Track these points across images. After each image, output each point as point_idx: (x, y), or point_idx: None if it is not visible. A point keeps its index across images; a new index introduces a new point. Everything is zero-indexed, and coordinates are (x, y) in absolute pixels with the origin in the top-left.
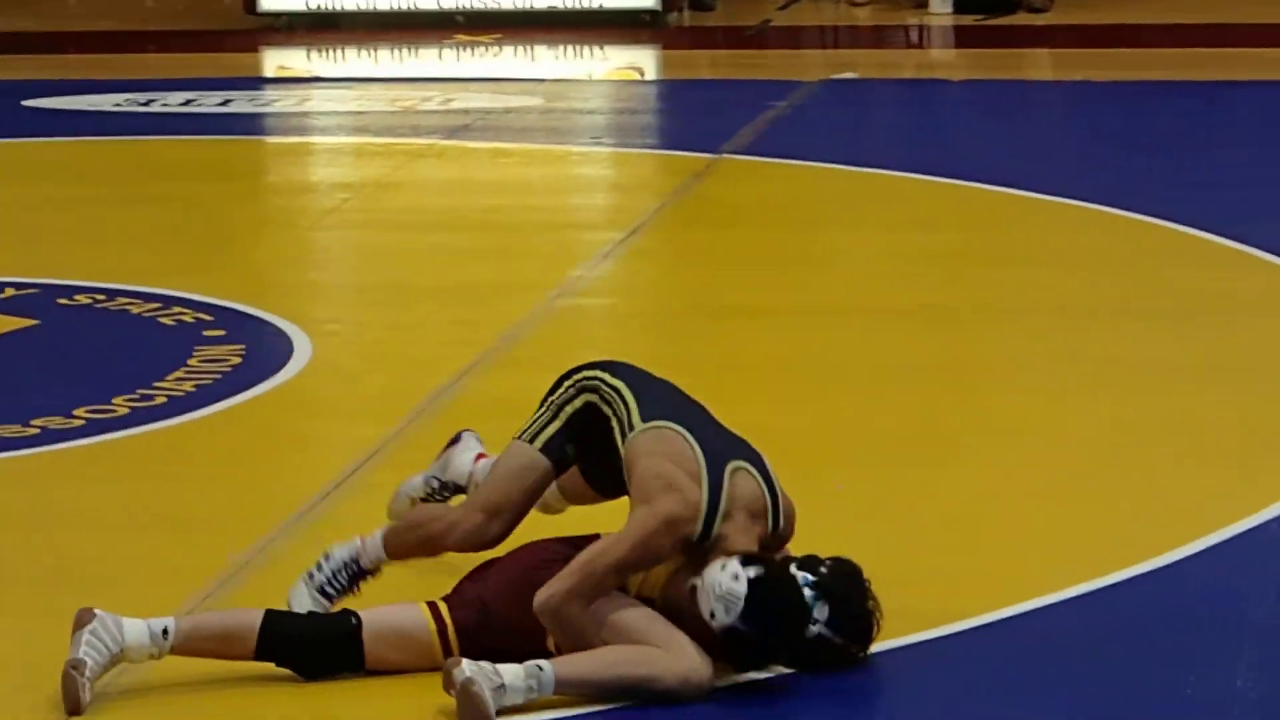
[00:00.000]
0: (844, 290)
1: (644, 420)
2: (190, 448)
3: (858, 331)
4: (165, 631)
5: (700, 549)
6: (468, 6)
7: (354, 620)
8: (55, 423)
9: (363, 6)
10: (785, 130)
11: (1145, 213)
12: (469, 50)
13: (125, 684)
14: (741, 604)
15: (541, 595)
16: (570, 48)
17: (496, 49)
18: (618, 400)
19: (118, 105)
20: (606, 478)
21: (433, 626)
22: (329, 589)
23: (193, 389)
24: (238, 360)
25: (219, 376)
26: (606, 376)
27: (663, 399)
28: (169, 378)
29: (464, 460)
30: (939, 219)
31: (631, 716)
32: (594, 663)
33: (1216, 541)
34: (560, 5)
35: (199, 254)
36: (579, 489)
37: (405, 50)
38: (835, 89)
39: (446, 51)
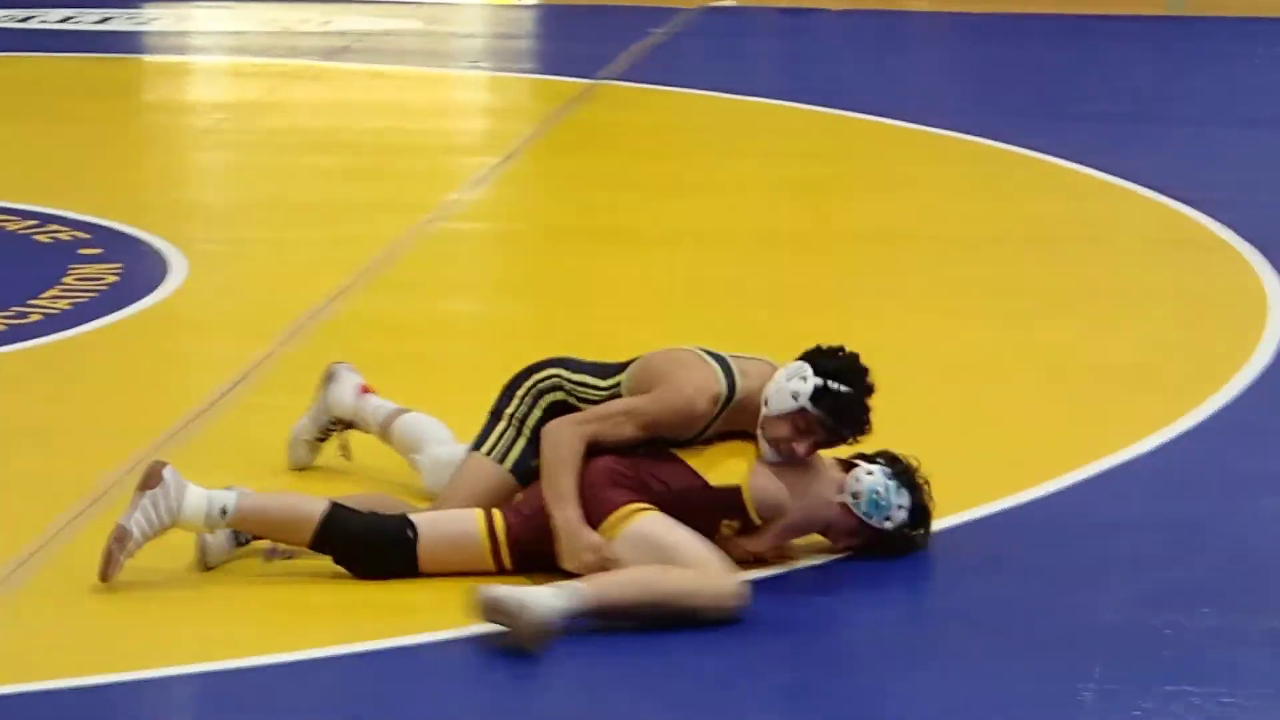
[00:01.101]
0: (716, 216)
1: (615, 376)
2: (65, 365)
3: (730, 256)
4: (224, 511)
5: (746, 423)
6: None
7: (410, 531)
8: None
9: None
10: (663, 57)
11: (1016, 144)
12: None
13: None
14: (906, 513)
15: (553, 422)
16: None
17: None
18: (587, 389)
19: None
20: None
21: (484, 532)
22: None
23: (68, 306)
24: (114, 278)
25: (95, 295)
26: (566, 373)
27: (609, 366)
28: (44, 295)
29: (345, 395)
30: (812, 147)
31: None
32: (626, 579)
33: (1081, 477)
34: None
35: (76, 172)
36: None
37: None
38: (714, 16)
39: None
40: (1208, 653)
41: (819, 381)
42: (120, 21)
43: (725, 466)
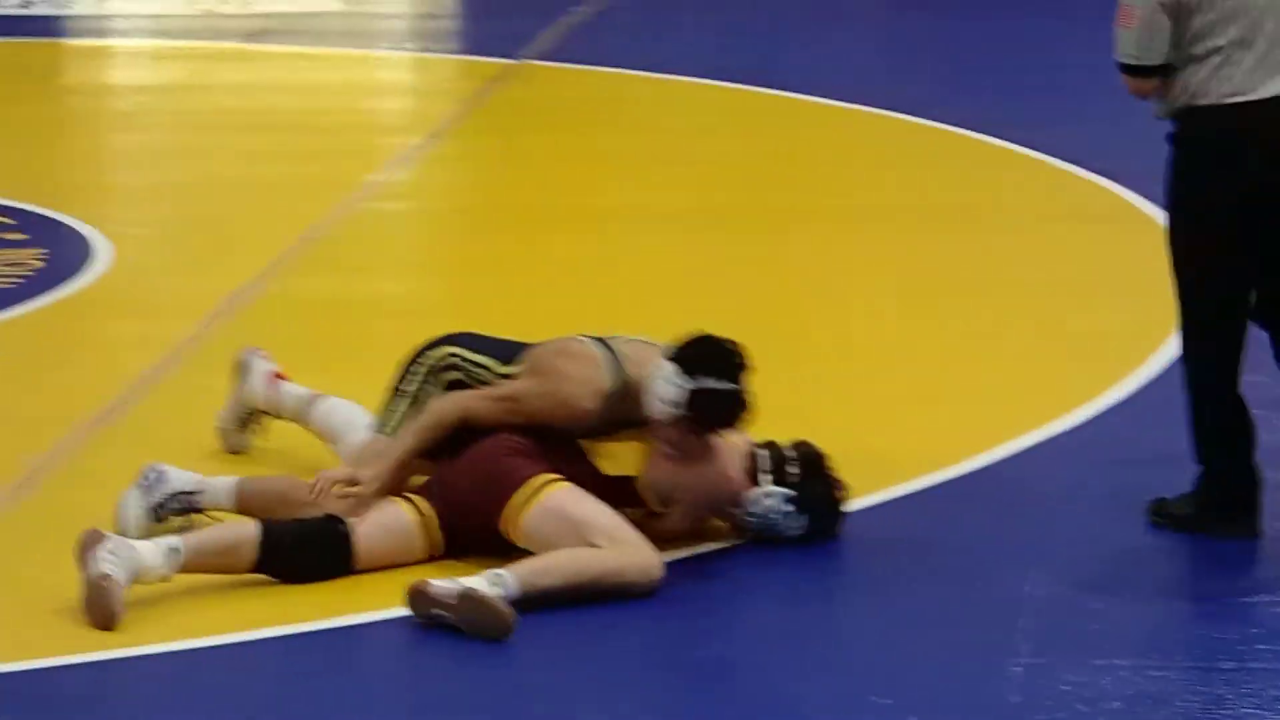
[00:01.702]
0: (639, 194)
1: (512, 365)
2: None
3: (651, 235)
4: (175, 549)
5: (632, 410)
6: None
7: (342, 527)
8: None
9: None
10: (585, 35)
11: (946, 120)
12: None
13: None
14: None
15: (442, 399)
16: None
17: None
18: (484, 371)
19: None
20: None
21: (415, 517)
22: (161, 511)
23: None
24: (40, 264)
25: (19, 281)
26: (464, 352)
27: (511, 346)
28: None
29: (257, 386)
30: (737, 125)
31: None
32: (552, 564)
33: (1014, 449)
34: None
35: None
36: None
37: None
38: None
39: None
40: (1135, 627)
41: (693, 385)
42: (42, 6)
43: (624, 458)
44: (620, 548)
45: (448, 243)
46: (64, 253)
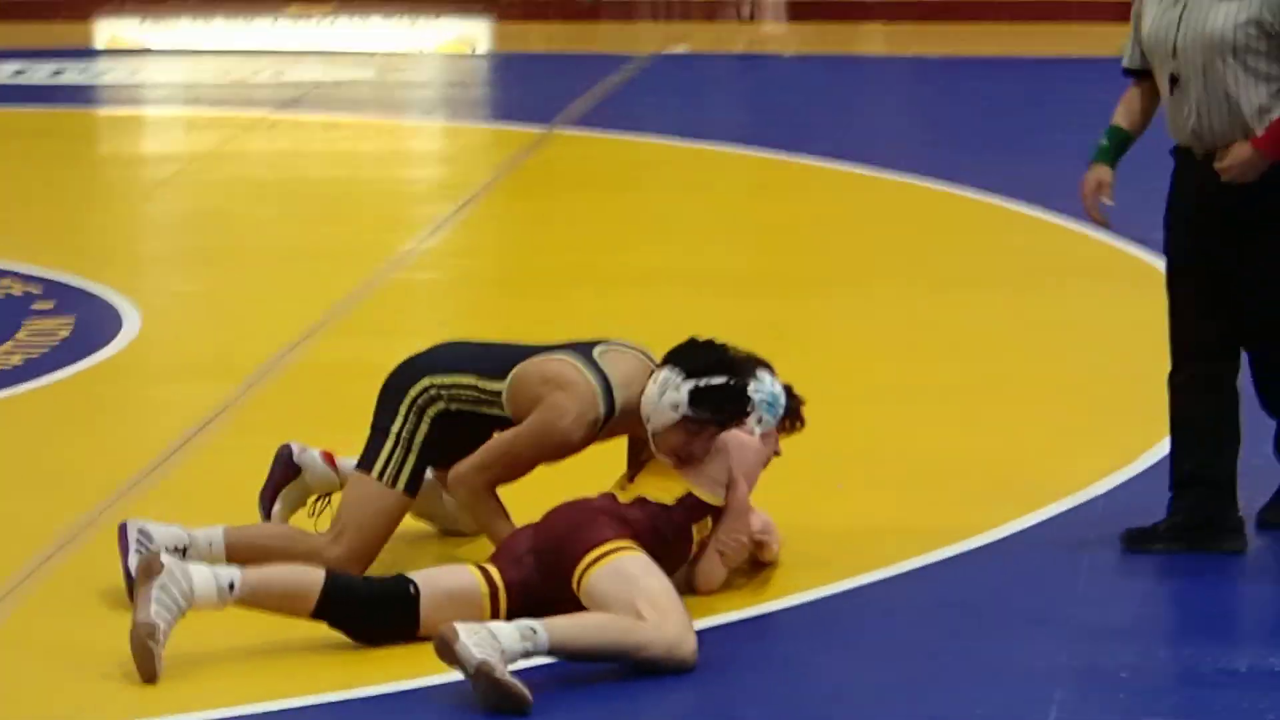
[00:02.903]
0: (674, 258)
1: (497, 380)
2: (23, 419)
3: (684, 298)
4: (231, 585)
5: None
6: None
7: (412, 589)
8: None
9: None
10: (617, 103)
11: (975, 185)
12: (302, 22)
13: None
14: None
15: (456, 469)
16: (403, 20)
17: (330, 21)
18: (465, 390)
19: None
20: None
21: (485, 589)
22: None
23: (20, 363)
24: (66, 333)
25: (47, 349)
26: (439, 380)
27: (493, 354)
28: None
29: (320, 473)
30: (767, 191)
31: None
32: (586, 627)
33: (1044, 517)
34: None
35: (28, 226)
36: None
37: (238, 22)
38: (668, 62)
39: (280, 23)
40: (1165, 692)
41: (692, 384)
42: (73, 74)
43: (663, 486)
44: (662, 621)
45: (482, 308)
46: (93, 321)
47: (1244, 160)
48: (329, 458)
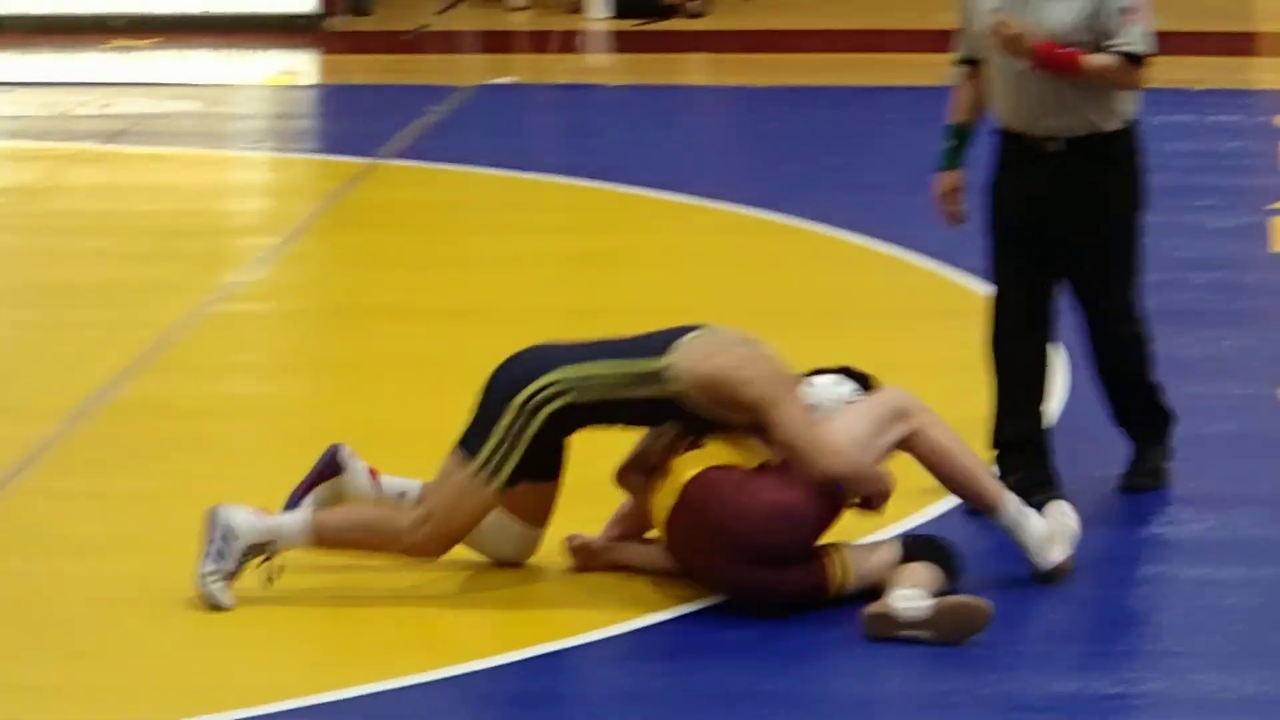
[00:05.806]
0: (497, 291)
1: (654, 359)
2: None
3: (509, 332)
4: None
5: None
6: (125, 11)
7: None
8: None
9: (19, 10)
10: (441, 135)
11: (800, 215)
12: (127, 55)
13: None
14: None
15: (817, 465)
16: (228, 52)
17: (154, 53)
18: (604, 377)
19: None
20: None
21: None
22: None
23: None
24: None
25: None
26: (567, 375)
27: (623, 342)
28: None
29: (362, 484)
30: (590, 222)
31: None
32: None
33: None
34: (218, 9)
35: None
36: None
37: (62, 54)
38: (492, 94)
39: (104, 56)
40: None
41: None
42: None
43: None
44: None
45: (306, 342)
46: None
47: (1021, 43)
48: (373, 473)
